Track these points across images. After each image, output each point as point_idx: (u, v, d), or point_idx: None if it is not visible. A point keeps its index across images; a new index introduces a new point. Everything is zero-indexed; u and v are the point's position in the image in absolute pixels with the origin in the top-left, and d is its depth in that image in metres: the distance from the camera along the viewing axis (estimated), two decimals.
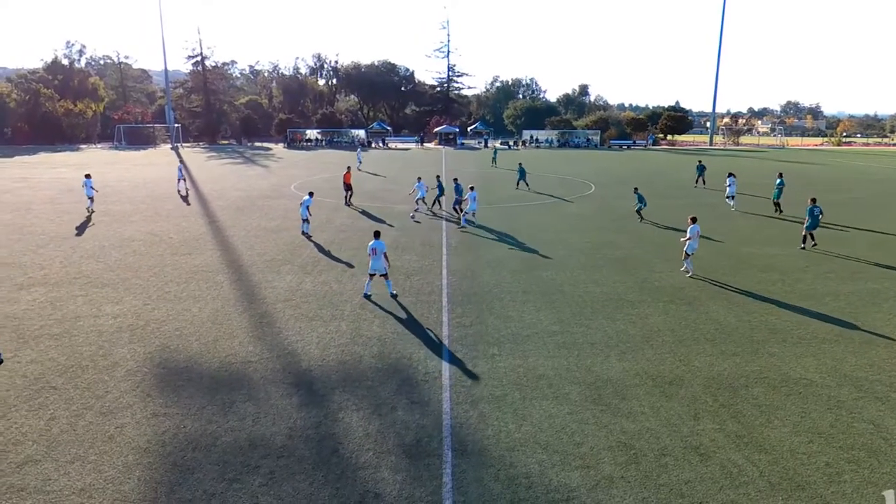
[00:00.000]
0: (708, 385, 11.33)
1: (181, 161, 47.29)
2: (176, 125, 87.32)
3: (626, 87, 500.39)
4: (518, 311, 15.21)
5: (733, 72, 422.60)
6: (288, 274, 18.41)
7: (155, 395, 10.84)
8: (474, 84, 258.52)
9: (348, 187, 32.77)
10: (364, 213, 29.76)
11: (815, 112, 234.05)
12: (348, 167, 34.92)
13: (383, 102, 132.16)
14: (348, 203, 32.01)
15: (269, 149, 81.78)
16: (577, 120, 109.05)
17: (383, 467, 8.81)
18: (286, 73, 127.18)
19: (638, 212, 27.78)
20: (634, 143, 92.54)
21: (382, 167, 54.67)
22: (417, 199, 29.53)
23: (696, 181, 40.55)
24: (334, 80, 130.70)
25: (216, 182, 41.86)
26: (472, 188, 27.34)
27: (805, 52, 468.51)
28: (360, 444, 9.40)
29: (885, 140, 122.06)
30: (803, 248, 22.00)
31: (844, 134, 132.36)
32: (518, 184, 38.78)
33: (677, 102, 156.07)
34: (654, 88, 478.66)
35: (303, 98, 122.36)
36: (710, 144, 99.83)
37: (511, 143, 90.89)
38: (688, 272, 18.49)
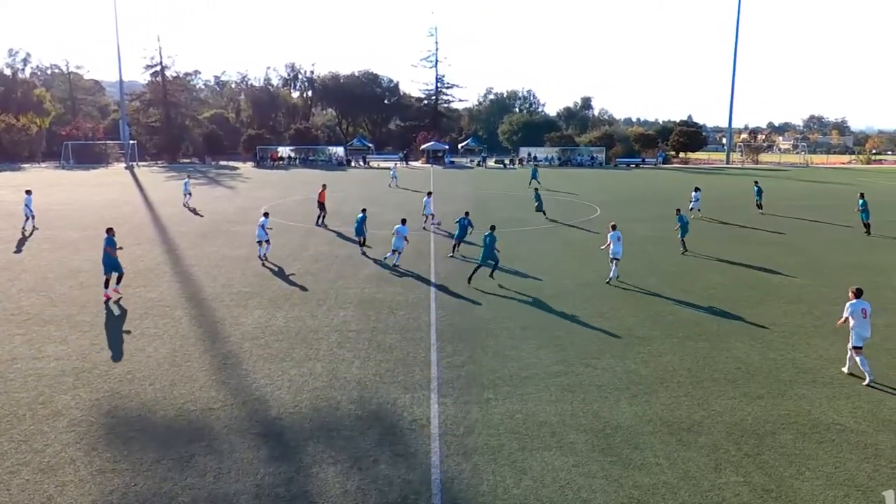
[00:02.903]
0: (730, 432, 11.29)
1: (188, 176, 48.23)
2: (131, 142, 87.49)
3: (632, 100, 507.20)
4: (516, 349, 15.17)
5: (751, 83, 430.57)
6: (256, 308, 18.30)
7: (102, 449, 10.64)
8: (465, 96, 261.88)
9: (322, 207, 33.29)
10: (340, 236, 29.79)
11: (842, 127, 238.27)
12: (323, 185, 35.38)
13: (364, 116, 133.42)
14: (321, 224, 32.72)
15: (235, 168, 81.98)
16: (580, 136, 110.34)
17: None
18: (256, 84, 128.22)
19: (682, 239, 26.52)
20: (643, 161, 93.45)
21: (362, 189, 54.87)
22: (427, 215, 32.27)
23: (757, 205, 40.10)
24: (310, 92, 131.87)
25: (176, 205, 41.81)
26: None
27: (829, 63, 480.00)
28: (337, 503, 9.25)
29: None
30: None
31: (874, 151, 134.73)
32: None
33: (690, 117, 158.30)
34: (664, 101, 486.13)
35: (274, 112, 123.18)
36: (728, 163, 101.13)
37: (507, 161, 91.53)
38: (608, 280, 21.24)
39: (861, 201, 32.43)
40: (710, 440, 11.00)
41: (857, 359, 13.53)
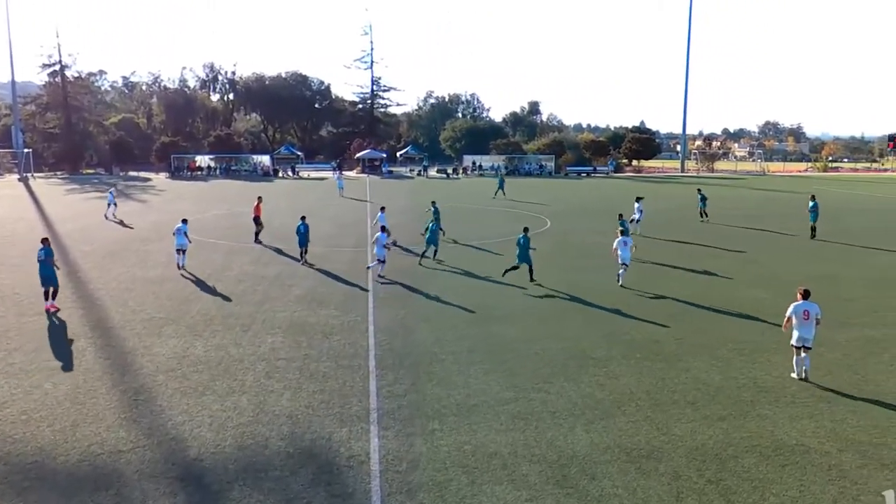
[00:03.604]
0: (691, 457, 11.57)
1: (113, 186, 48.85)
2: (26, 150, 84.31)
3: (583, 105, 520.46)
4: (463, 374, 15.21)
5: (705, 88, 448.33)
6: (172, 336, 17.84)
7: None
8: (404, 100, 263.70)
9: (258, 222, 33.06)
10: (281, 252, 29.41)
11: (797, 133, 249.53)
12: (259, 198, 34.91)
13: (292, 122, 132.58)
14: (257, 241, 32.46)
15: (147, 179, 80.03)
16: (528, 143, 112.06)
17: None
18: (170, 85, 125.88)
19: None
20: (595, 169, 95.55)
21: (292, 201, 54.32)
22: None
23: (701, 213, 42.57)
24: (231, 95, 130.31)
25: (78, 221, 40.46)
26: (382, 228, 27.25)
27: (784, 68, 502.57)
28: None
29: (875, 165, 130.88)
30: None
31: (830, 158, 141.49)
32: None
33: (642, 123, 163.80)
34: (615, 106, 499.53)
35: (191, 117, 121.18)
36: (682, 171, 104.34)
37: (450, 170, 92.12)
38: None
39: (812, 203, 35.57)
40: (670, 467, 11.24)
41: (794, 357, 15.03)
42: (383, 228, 25.93)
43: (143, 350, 16.80)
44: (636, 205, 37.43)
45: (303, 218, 28.45)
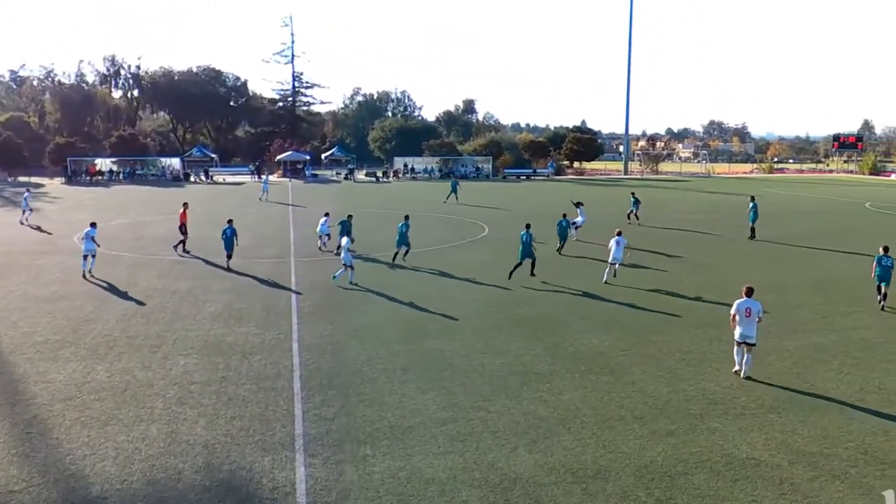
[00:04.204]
0: (640, 475, 11.81)
1: (27, 190, 48.22)
2: None
3: (521, 104, 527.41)
4: (397, 394, 15.17)
5: (648, 87, 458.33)
6: (70, 360, 17.24)
7: None
8: (329, 98, 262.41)
9: (184, 230, 32.67)
10: (209, 263, 28.75)
11: (742, 133, 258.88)
12: (185, 204, 34.16)
13: (205, 121, 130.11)
14: (185, 251, 32.22)
15: (40, 185, 77.13)
16: (463, 143, 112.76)
17: None
18: (65, 81, 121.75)
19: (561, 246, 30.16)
20: (535, 171, 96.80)
21: (206, 208, 53.28)
22: (322, 235, 33.59)
23: (629, 214, 45.05)
24: (136, 92, 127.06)
25: None
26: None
27: (728, 67, 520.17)
28: None
29: (821, 166, 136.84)
30: None
31: (775, 159, 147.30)
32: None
33: (584, 122, 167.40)
34: (555, 105, 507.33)
35: (90, 115, 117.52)
36: (626, 173, 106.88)
37: (380, 173, 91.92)
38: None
39: (751, 204, 38.26)
40: (618, 487, 11.45)
41: (735, 348, 16.48)
42: (348, 233, 26.97)
43: (37, 377, 16.17)
44: (578, 209, 38.60)
45: (229, 222, 29.30)
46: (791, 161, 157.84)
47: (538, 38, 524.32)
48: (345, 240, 26.35)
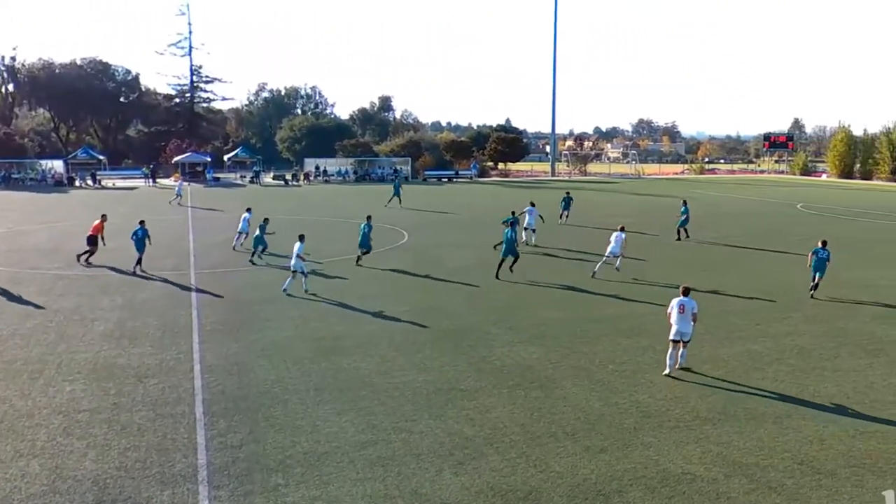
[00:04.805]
0: (572, 495, 11.99)
1: None
2: None
3: (441, 101, 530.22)
4: (310, 417, 15.02)
5: (575, 84, 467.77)
6: None
7: None
8: (232, 94, 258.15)
9: (93, 241, 31.93)
10: (119, 270, 27.79)
11: (672, 132, 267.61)
12: (103, 216, 33.28)
13: (92, 120, 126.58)
14: (87, 262, 31.52)
15: None
16: (380, 144, 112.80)
17: None
18: None
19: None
20: (457, 173, 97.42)
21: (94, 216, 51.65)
22: (241, 233, 35.26)
23: (561, 215, 47.35)
24: (11, 87, 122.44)
25: None
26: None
27: (657, 65, 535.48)
28: None
29: (752, 166, 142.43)
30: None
31: (706, 159, 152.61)
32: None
33: (508, 121, 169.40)
34: (478, 103, 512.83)
35: None
36: (553, 174, 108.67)
37: (289, 176, 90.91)
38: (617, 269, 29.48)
39: (683, 208, 40.33)
40: None
41: (669, 351, 17.58)
42: (301, 238, 26.55)
43: None
44: (529, 208, 39.26)
45: (141, 223, 30.75)
46: (722, 161, 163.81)
47: (459, 31, 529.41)
48: (297, 245, 26.21)
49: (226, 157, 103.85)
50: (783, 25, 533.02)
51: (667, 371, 17.51)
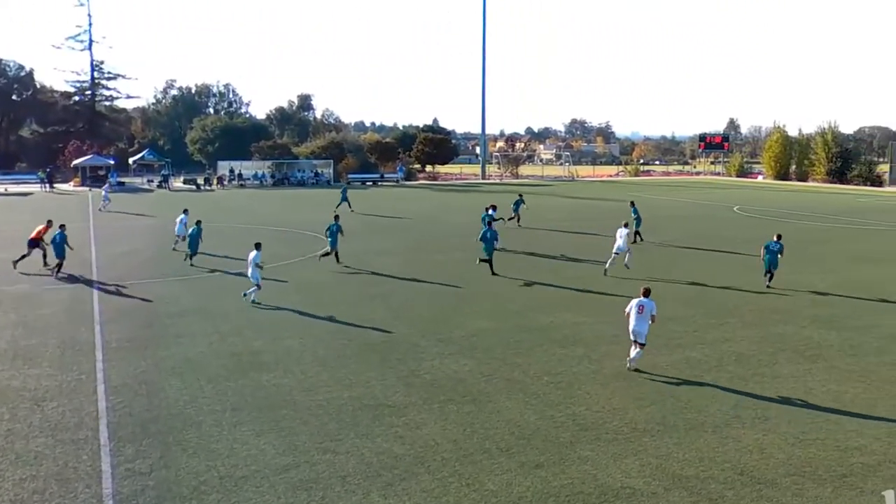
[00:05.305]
0: None
1: None
2: None
3: (365, 100, 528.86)
4: (227, 439, 14.80)
5: (505, 82, 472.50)
6: None
7: None
8: (137, 91, 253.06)
9: (35, 244, 32.30)
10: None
11: (606, 132, 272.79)
12: (48, 221, 33.60)
13: None
14: (15, 265, 31.69)
15: None
16: (299, 145, 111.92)
17: None
18: None
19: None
20: (382, 176, 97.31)
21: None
22: (179, 236, 36.04)
23: (512, 217, 48.44)
24: None
25: None
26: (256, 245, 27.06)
27: (590, 64, 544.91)
28: None
29: (688, 167, 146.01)
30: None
31: (641, 160, 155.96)
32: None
33: (436, 121, 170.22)
34: (403, 102, 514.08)
35: None
36: (484, 177, 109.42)
37: (200, 181, 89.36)
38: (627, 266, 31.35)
39: (633, 209, 41.49)
40: None
41: (631, 347, 18.99)
42: (257, 246, 26.76)
43: None
44: (489, 212, 40.57)
45: (62, 227, 31.83)
46: (658, 162, 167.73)
47: (383, 26, 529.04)
48: (253, 254, 26.29)
49: (131, 160, 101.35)
50: (717, 24, 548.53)
51: (627, 366, 18.97)
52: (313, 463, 13.80)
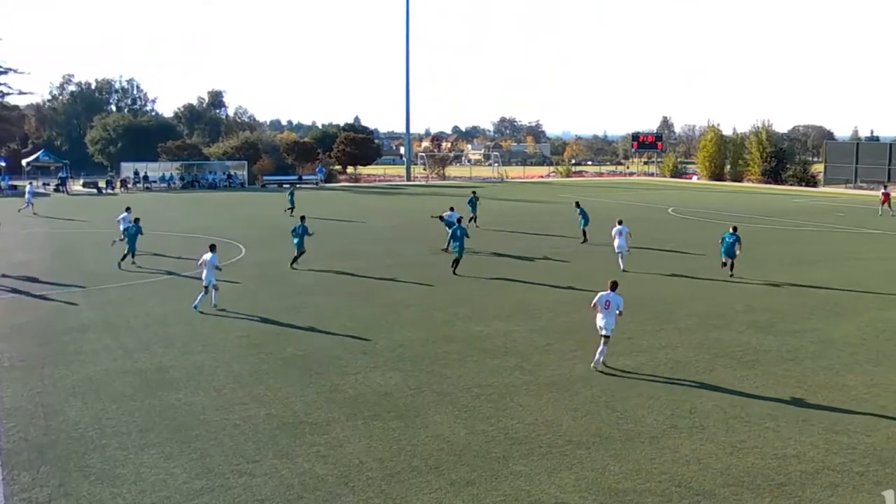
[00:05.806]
0: None
1: None
2: None
3: (281, 97, 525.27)
4: (133, 464, 14.51)
5: (431, 80, 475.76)
6: None
7: None
8: (31, 87, 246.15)
9: None
10: None
11: (536, 132, 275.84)
12: None
13: None
14: None
15: None
16: (211, 146, 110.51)
17: None
18: None
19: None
20: (301, 178, 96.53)
21: None
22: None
23: (472, 218, 48.97)
24: None
25: None
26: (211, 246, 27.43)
27: (519, 61, 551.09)
28: None
29: (621, 168, 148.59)
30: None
31: (573, 161, 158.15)
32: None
33: (357, 119, 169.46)
34: (322, 99, 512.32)
35: None
36: (409, 178, 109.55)
37: (102, 183, 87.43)
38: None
39: (579, 209, 44.17)
40: None
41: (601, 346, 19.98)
42: (212, 248, 27.48)
43: None
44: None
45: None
46: (590, 163, 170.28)
47: (300, 19, 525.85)
48: (208, 255, 26.74)
49: (24, 162, 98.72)
50: (649, 22, 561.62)
51: (592, 365, 20.08)
52: (228, 487, 13.60)
